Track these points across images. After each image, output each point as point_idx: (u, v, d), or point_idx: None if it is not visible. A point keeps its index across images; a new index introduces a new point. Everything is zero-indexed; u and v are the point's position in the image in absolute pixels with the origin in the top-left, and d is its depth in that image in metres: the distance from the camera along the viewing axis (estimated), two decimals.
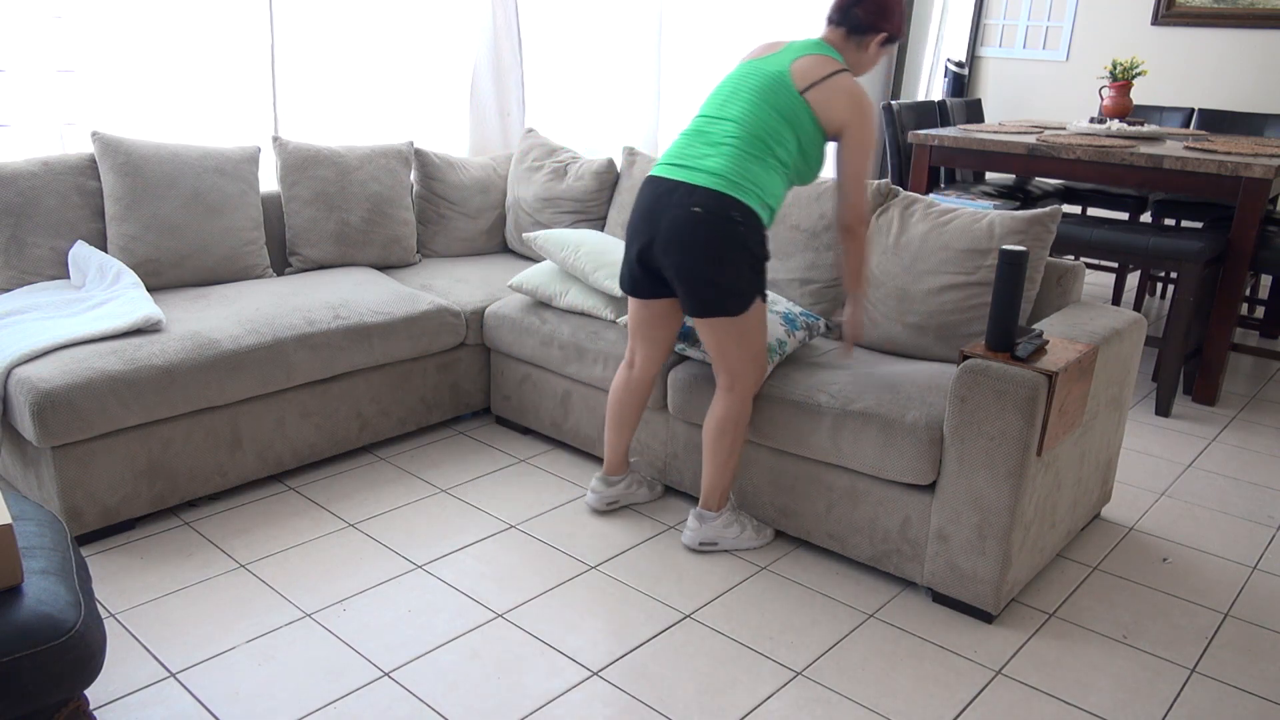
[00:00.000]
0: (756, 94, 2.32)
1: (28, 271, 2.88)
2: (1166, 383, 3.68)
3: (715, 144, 2.31)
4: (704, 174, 2.28)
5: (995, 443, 2.18)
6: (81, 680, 1.55)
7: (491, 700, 2.01)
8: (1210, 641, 2.31)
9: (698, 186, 2.26)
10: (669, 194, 2.30)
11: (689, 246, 2.27)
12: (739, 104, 2.32)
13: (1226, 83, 5.62)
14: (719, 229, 2.26)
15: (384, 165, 3.54)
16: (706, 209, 2.25)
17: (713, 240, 2.26)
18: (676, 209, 2.28)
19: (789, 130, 2.31)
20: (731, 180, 2.26)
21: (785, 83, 2.31)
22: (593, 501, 2.79)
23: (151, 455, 2.59)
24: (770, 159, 2.30)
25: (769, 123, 2.30)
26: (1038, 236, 2.65)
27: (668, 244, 2.30)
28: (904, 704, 2.04)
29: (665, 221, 2.30)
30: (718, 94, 2.39)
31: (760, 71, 2.35)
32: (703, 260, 2.28)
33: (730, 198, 2.25)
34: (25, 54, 3.09)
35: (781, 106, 2.30)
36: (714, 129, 2.33)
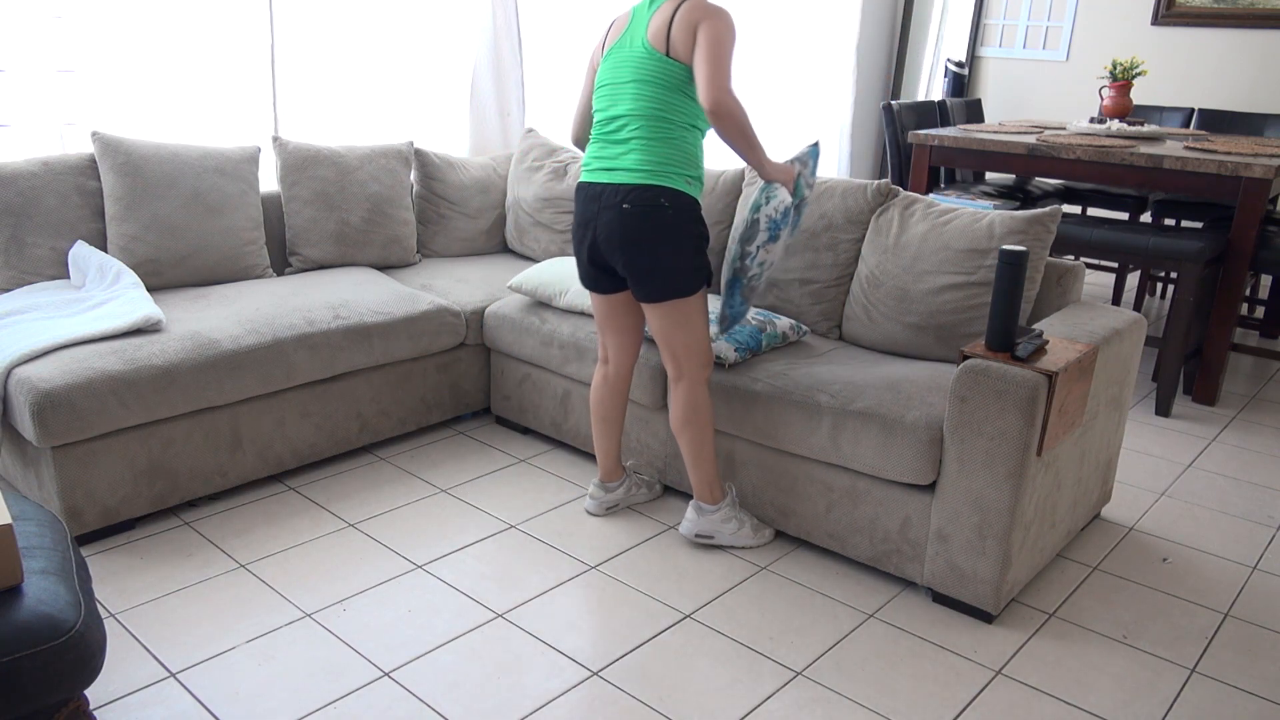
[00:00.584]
0: (637, 80, 2.38)
1: (28, 271, 2.88)
2: (1166, 383, 3.68)
3: (624, 141, 2.40)
4: (626, 172, 2.38)
5: (995, 443, 2.18)
6: (81, 680, 1.55)
7: (491, 700, 2.01)
8: (1210, 641, 2.31)
9: (623, 185, 2.37)
10: (598, 197, 2.41)
11: (627, 241, 2.38)
12: (628, 95, 2.39)
13: (1226, 83, 5.62)
14: (651, 219, 2.36)
15: (384, 165, 3.54)
16: (635, 204, 2.36)
17: (647, 230, 2.37)
18: (608, 209, 2.39)
19: (677, 94, 2.37)
20: (650, 170, 2.36)
21: (649, 53, 2.36)
22: (592, 508, 2.80)
23: (151, 455, 2.59)
24: (675, 130, 2.38)
25: (658, 100, 2.36)
26: (1038, 236, 2.65)
27: (609, 243, 2.41)
28: (904, 704, 2.04)
29: (602, 223, 2.41)
30: (603, 91, 2.46)
31: (628, 55, 2.40)
32: (644, 251, 2.38)
33: (655, 186, 2.36)
34: (25, 54, 3.09)
35: (659, 78, 2.36)
36: (618, 128, 2.41)
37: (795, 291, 3.03)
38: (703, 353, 2.50)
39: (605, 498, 2.79)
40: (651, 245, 2.38)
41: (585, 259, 2.51)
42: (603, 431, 2.74)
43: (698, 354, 2.49)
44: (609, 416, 2.73)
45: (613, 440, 2.75)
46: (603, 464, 2.78)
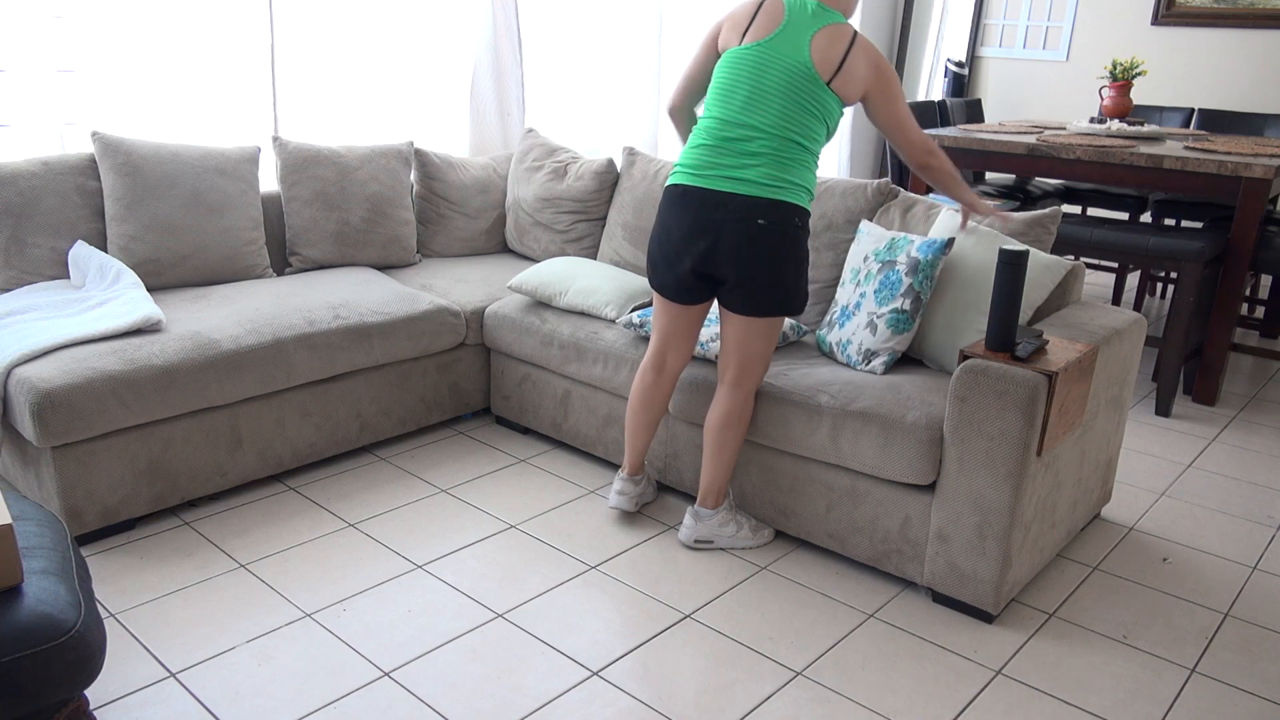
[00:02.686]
0: (784, 96, 2.30)
1: (28, 271, 2.88)
2: (1166, 383, 3.68)
3: (753, 154, 2.30)
4: (755, 184, 2.29)
5: (995, 443, 2.18)
6: (81, 680, 1.55)
7: (491, 700, 2.01)
8: (1210, 641, 2.31)
9: (756, 199, 2.28)
10: (721, 206, 2.30)
11: (757, 257, 2.31)
12: (769, 110, 2.30)
13: (1226, 83, 5.62)
14: (785, 238, 2.32)
15: (384, 165, 3.54)
16: (770, 220, 2.29)
17: (779, 249, 2.32)
18: (739, 222, 2.29)
19: (819, 123, 2.35)
20: (783, 187, 2.30)
21: (811, 76, 2.30)
22: (625, 504, 2.73)
23: (151, 455, 2.59)
24: (805, 155, 2.35)
25: (802, 124, 2.32)
26: (1038, 237, 2.65)
27: (733, 254, 2.31)
28: (904, 704, 2.04)
29: (727, 234, 2.30)
30: (736, 90, 2.34)
31: (782, 64, 2.31)
32: (770, 267, 2.32)
33: (788, 204, 2.30)
34: (25, 54, 3.09)
35: (810, 104, 2.31)
36: (745, 137, 2.32)
37: None
38: (767, 364, 2.50)
39: (635, 491, 2.74)
40: (779, 262, 2.32)
41: (688, 268, 2.37)
42: (645, 430, 2.68)
43: (764, 364, 2.48)
44: (654, 417, 2.66)
45: (649, 438, 2.70)
46: (635, 459, 2.72)
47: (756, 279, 2.33)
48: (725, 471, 2.55)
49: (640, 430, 2.69)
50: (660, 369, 2.60)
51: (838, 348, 2.70)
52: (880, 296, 2.58)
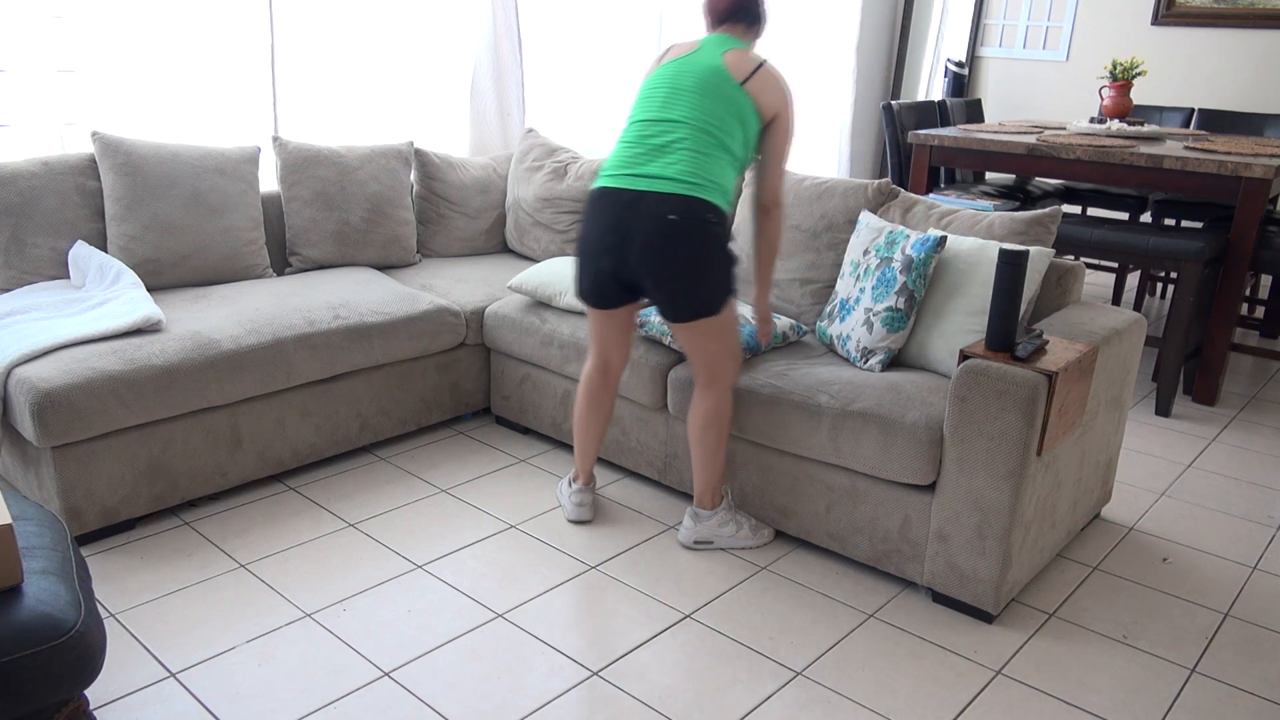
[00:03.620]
0: (698, 90, 2.32)
1: (28, 271, 2.88)
2: (1166, 383, 3.68)
3: (667, 147, 2.29)
4: (668, 180, 2.26)
5: (995, 443, 2.18)
6: (81, 680, 1.55)
7: (491, 700, 2.01)
8: (1210, 641, 2.31)
9: (668, 194, 2.24)
10: (634, 204, 2.27)
11: (670, 256, 2.26)
12: (683, 103, 2.32)
13: (1226, 83, 5.62)
14: (698, 234, 2.26)
15: (384, 165, 3.54)
16: (682, 215, 2.24)
17: (693, 246, 2.26)
18: (650, 220, 2.25)
19: (735, 122, 2.32)
20: (697, 183, 2.26)
21: (724, 75, 2.32)
22: (586, 514, 2.73)
23: (151, 455, 2.59)
24: (722, 153, 2.31)
25: (717, 116, 2.30)
26: (1038, 237, 2.65)
27: (646, 254, 2.27)
28: (904, 704, 2.04)
29: (641, 233, 2.26)
30: (652, 97, 2.38)
31: (695, 67, 2.35)
32: (686, 267, 2.27)
33: (700, 200, 2.25)
34: (25, 54, 3.09)
35: (725, 99, 2.31)
36: (662, 132, 2.32)
37: (795, 291, 3.03)
38: (736, 359, 2.47)
39: (592, 499, 2.76)
40: (695, 262, 2.27)
41: (607, 271, 2.35)
42: (596, 435, 2.70)
43: (732, 361, 2.45)
44: (606, 418, 2.69)
45: (599, 436, 2.71)
46: (589, 467, 2.74)
47: (674, 281, 2.29)
48: (716, 471, 2.54)
49: (593, 436, 2.70)
50: (605, 373, 2.62)
51: (838, 341, 2.72)
52: (876, 293, 2.59)
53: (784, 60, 5.98)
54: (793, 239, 3.04)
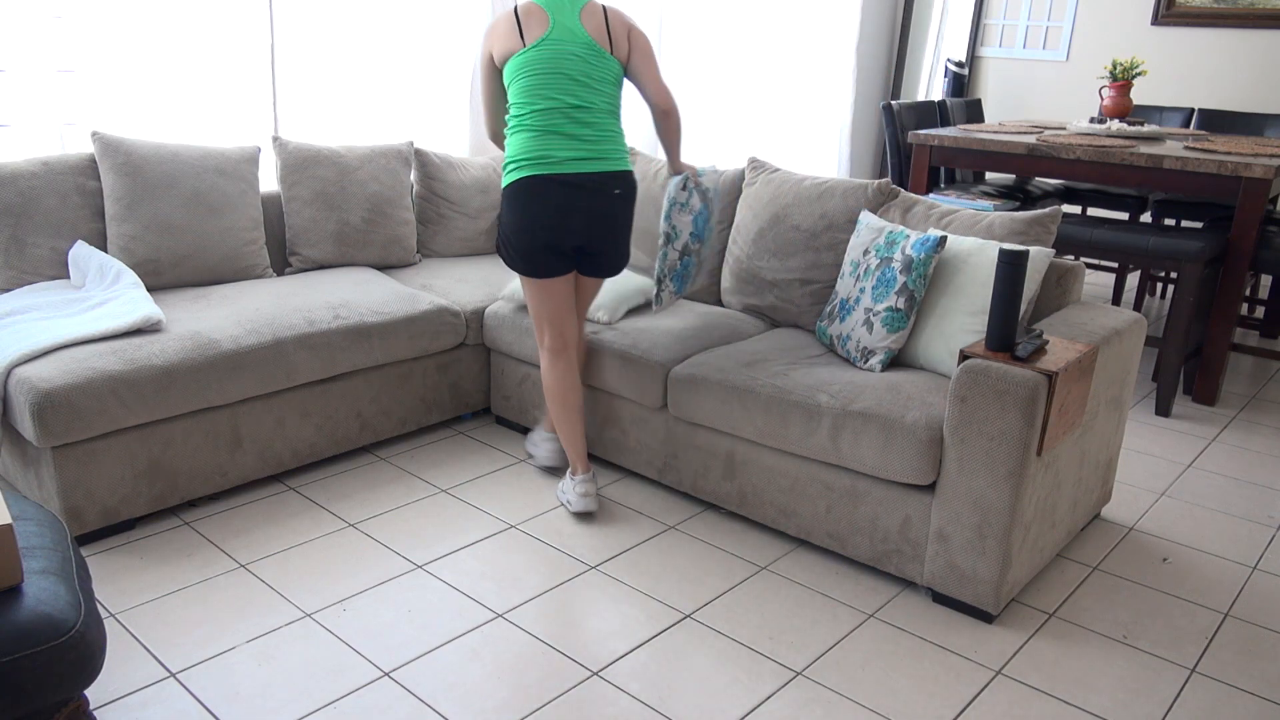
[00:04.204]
0: (588, 75, 2.56)
1: (28, 271, 2.88)
2: (1166, 383, 3.68)
3: (584, 134, 2.56)
4: (601, 160, 2.57)
5: (995, 443, 2.18)
6: (81, 680, 1.55)
7: (491, 700, 2.01)
8: (1210, 641, 2.31)
9: (607, 173, 2.57)
10: (580, 186, 2.54)
11: (618, 224, 2.65)
12: (581, 91, 2.56)
13: (1226, 83, 5.62)
14: (631, 201, 2.67)
15: (384, 165, 3.54)
16: (622, 189, 2.62)
17: (629, 212, 2.68)
18: (601, 196, 2.57)
19: (617, 87, 2.65)
20: (618, 157, 2.62)
21: (596, 49, 2.58)
22: (593, 504, 2.73)
23: (151, 455, 2.59)
24: (618, 121, 2.67)
25: (608, 95, 2.62)
26: (1038, 237, 2.65)
27: (602, 226, 2.60)
28: (904, 704, 2.04)
29: (596, 209, 2.57)
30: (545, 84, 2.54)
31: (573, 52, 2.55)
32: (626, 231, 2.69)
33: (627, 171, 2.64)
34: (25, 54, 3.09)
35: (607, 74, 2.60)
36: (573, 121, 2.55)
37: (796, 291, 3.03)
38: None
39: (595, 487, 2.77)
40: (629, 223, 2.69)
41: (569, 247, 2.60)
42: (577, 420, 2.76)
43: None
44: (581, 396, 2.78)
45: (583, 417, 2.79)
46: (582, 452, 2.77)
47: (620, 243, 2.69)
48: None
49: (577, 421, 2.77)
50: (564, 349, 2.73)
51: (838, 341, 2.72)
52: (876, 293, 2.60)
53: (784, 60, 5.98)
54: (793, 239, 3.04)
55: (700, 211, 2.89)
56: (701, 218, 2.90)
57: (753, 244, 3.13)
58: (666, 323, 3.01)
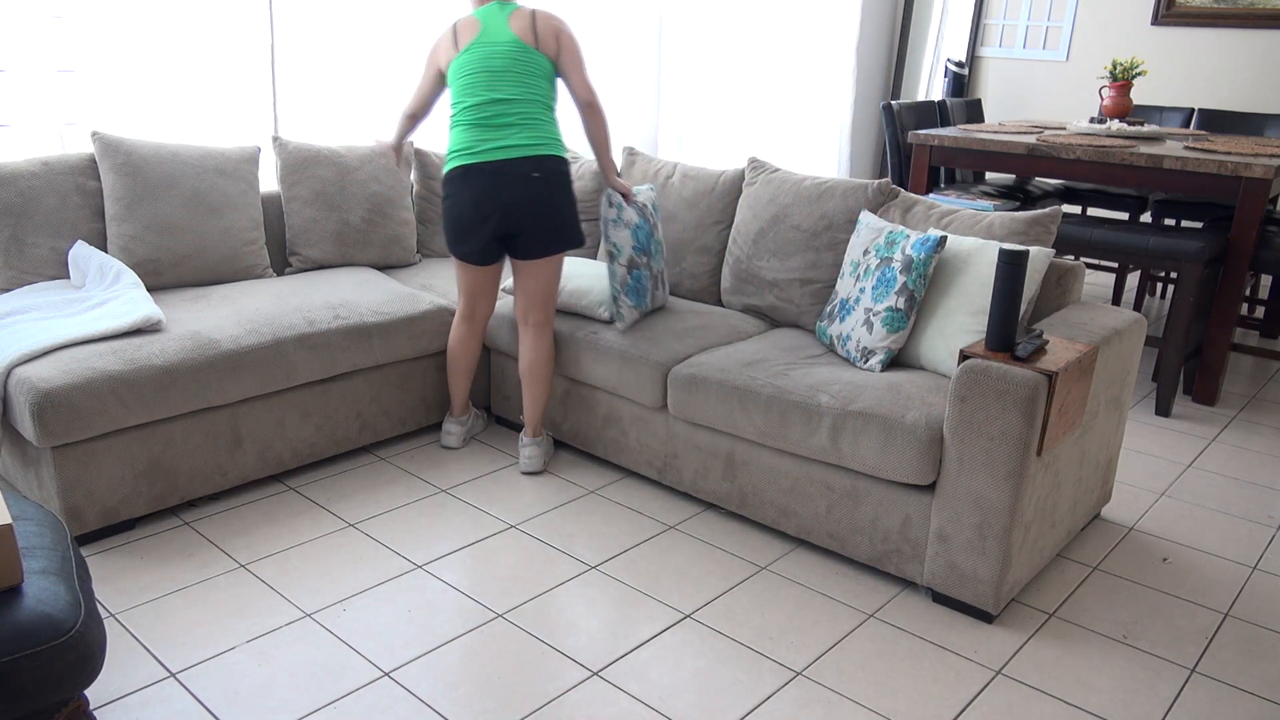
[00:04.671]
0: (513, 69, 2.76)
1: (28, 271, 2.88)
2: (1166, 383, 3.68)
3: (508, 125, 2.75)
4: (520, 148, 2.74)
5: (995, 443, 2.18)
6: (81, 680, 1.55)
7: (491, 700, 2.01)
8: (1210, 641, 2.31)
9: (525, 158, 2.74)
10: (500, 173, 2.74)
11: (539, 205, 2.76)
12: (506, 84, 2.76)
13: (1226, 83, 5.62)
14: (557, 181, 2.79)
15: (384, 165, 3.53)
16: (542, 171, 2.76)
17: (556, 192, 2.79)
18: (518, 180, 2.74)
19: (544, 81, 2.82)
20: (544, 142, 2.77)
21: (523, 46, 2.77)
22: (453, 442, 3.18)
23: (151, 455, 2.59)
24: (547, 112, 2.83)
25: (534, 87, 2.78)
26: (1038, 237, 2.65)
27: (522, 209, 2.75)
28: (904, 704, 2.04)
29: (512, 193, 2.74)
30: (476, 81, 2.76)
31: (499, 47, 2.76)
32: (552, 210, 2.79)
33: (551, 156, 2.78)
34: (25, 54, 3.09)
35: (533, 68, 2.78)
36: (499, 113, 2.75)
37: (795, 291, 3.03)
38: (556, 298, 2.99)
39: (461, 431, 3.19)
40: (558, 204, 2.80)
41: (488, 234, 2.79)
42: (465, 376, 3.12)
43: (555, 300, 2.96)
44: (471, 363, 3.12)
45: (469, 382, 3.15)
46: (460, 400, 3.17)
47: (544, 224, 2.79)
48: (547, 401, 3.03)
49: (462, 375, 3.12)
50: (471, 319, 3.05)
51: (838, 341, 2.72)
52: (876, 293, 2.60)
53: (784, 60, 5.98)
54: (792, 239, 3.04)
55: (640, 225, 2.98)
56: (642, 231, 2.98)
57: (753, 244, 3.13)
58: (666, 323, 3.01)
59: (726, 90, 5.77)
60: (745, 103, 5.89)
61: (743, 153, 5.77)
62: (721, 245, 3.28)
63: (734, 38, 5.71)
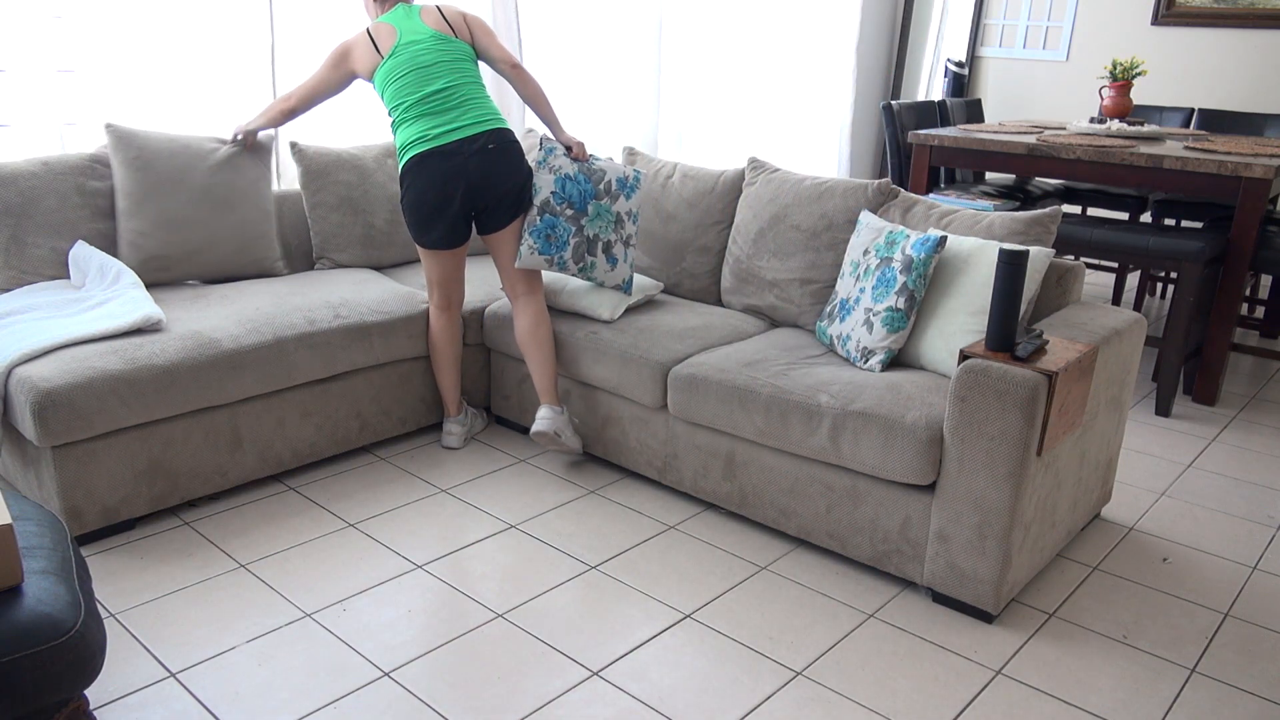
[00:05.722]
0: (442, 60, 2.89)
1: (28, 271, 2.88)
2: (1166, 383, 3.68)
3: (455, 106, 2.86)
4: (471, 125, 2.85)
5: (995, 443, 2.18)
6: (81, 680, 1.55)
7: (491, 700, 2.01)
8: (1210, 641, 2.31)
9: (478, 133, 2.85)
10: (456, 153, 2.83)
11: (501, 174, 2.86)
12: (442, 74, 2.88)
13: (1226, 83, 5.62)
14: (511, 150, 2.90)
15: (390, 165, 3.53)
16: (496, 143, 2.86)
17: (512, 160, 2.90)
18: (475, 155, 2.83)
19: (471, 63, 2.96)
20: (490, 116, 2.90)
21: (442, 37, 2.92)
22: (455, 443, 3.19)
23: (151, 455, 2.59)
24: (482, 89, 2.96)
25: (465, 71, 2.91)
26: (1038, 237, 2.65)
27: (485, 181, 2.84)
28: (904, 704, 2.04)
29: (472, 169, 2.83)
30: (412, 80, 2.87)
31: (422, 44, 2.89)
32: (511, 177, 2.89)
33: (501, 128, 2.91)
34: (25, 54, 3.09)
35: (458, 53, 2.92)
36: (444, 100, 2.86)
37: (795, 291, 3.03)
38: None
39: (462, 430, 3.21)
40: (516, 170, 2.89)
41: (454, 214, 2.88)
42: (451, 370, 3.13)
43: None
44: (456, 355, 3.14)
45: (458, 376, 3.17)
46: (454, 399, 3.18)
47: (508, 190, 2.89)
48: (554, 367, 3.00)
49: (449, 367, 3.14)
50: (448, 308, 3.08)
51: (838, 341, 2.72)
52: (876, 293, 2.60)
53: (784, 60, 5.98)
54: (792, 239, 3.04)
55: (574, 178, 2.98)
56: (576, 186, 2.97)
57: (753, 244, 3.13)
58: (667, 323, 3.01)
59: (726, 90, 5.77)
60: (745, 103, 5.89)
61: (743, 153, 5.77)
62: (721, 245, 3.28)
63: (734, 38, 5.71)
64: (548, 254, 2.96)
